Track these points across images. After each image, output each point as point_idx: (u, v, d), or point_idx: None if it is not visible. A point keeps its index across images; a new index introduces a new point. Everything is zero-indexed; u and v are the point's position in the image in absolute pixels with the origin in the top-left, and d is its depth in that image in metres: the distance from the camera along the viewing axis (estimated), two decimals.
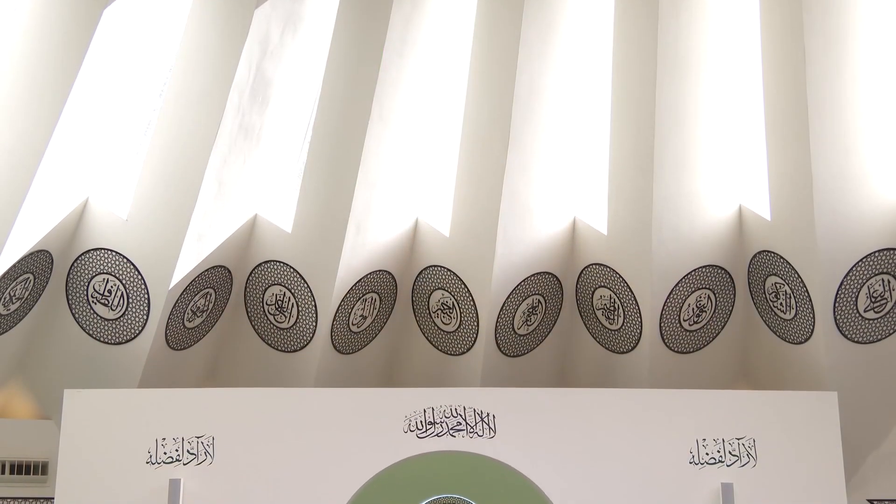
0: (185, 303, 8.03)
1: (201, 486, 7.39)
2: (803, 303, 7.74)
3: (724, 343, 8.41)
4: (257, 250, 8.28)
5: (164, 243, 7.72)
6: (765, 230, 7.88)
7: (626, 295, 8.10)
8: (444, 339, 8.55)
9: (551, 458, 7.50)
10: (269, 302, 8.38)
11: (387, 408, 7.60)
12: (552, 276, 8.38)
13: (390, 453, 7.54)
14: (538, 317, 8.50)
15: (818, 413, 7.51)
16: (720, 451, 7.49)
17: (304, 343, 8.32)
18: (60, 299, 8.12)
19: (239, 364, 8.62)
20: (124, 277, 7.92)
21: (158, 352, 8.05)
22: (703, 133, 7.80)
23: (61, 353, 8.22)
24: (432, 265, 8.38)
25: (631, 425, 7.54)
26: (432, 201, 8.39)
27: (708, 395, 7.73)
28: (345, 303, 8.18)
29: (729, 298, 8.28)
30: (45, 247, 7.74)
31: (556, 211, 8.26)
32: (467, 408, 7.61)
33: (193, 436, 7.51)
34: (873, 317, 7.74)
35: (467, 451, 7.56)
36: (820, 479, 7.39)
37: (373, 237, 8.15)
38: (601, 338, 8.49)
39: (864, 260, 7.55)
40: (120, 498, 7.35)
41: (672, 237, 7.85)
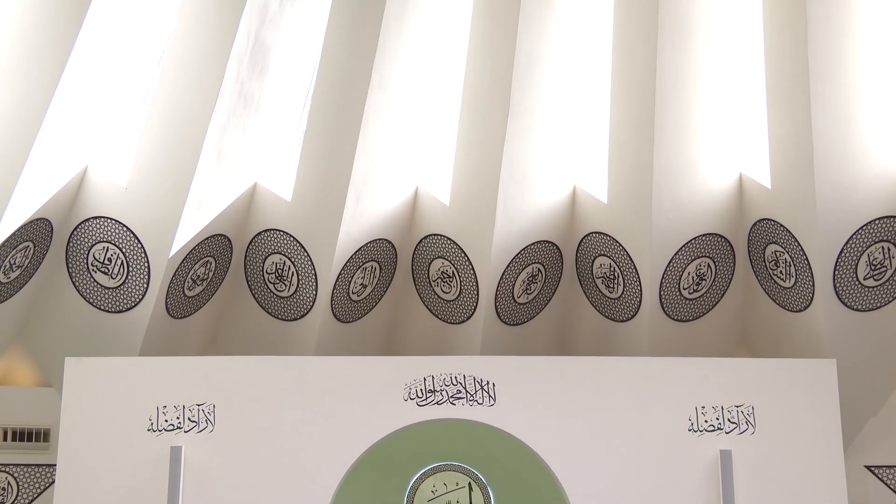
0: (185, 271, 8.04)
1: (202, 453, 7.44)
2: (803, 271, 7.75)
3: (724, 311, 8.42)
4: (257, 219, 8.28)
5: (163, 212, 7.72)
6: (765, 198, 7.87)
7: (626, 263, 8.10)
8: (444, 308, 8.57)
9: (551, 426, 7.54)
10: (269, 270, 8.39)
11: (387, 376, 7.63)
12: (552, 244, 8.38)
13: (390, 421, 7.57)
14: (538, 285, 8.51)
15: (817, 380, 7.54)
16: (719, 418, 7.52)
17: (305, 312, 8.33)
18: (60, 267, 8.13)
19: (239, 332, 8.65)
20: (124, 246, 7.93)
21: (159, 320, 8.06)
22: (703, 101, 7.77)
23: (62, 321, 8.25)
24: (432, 234, 8.38)
25: (630, 393, 7.57)
26: (432, 170, 8.37)
27: (707, 363, 7.75)
28: (345, 271, 8.19)
29: (729, 267, 8.29)
30: (44, 215, 7.75)
31: (556, 179, 8.25)
32: (467, 376, 7.64)
33: (194, 403, 7.54)
34: (873, 284, 7.75)
35: (467, 418, 7.59)
36: (818, 446, 7.43)
37: (373, 206, 8.14)
38: (601, 306, 8.50)
39: (864, 228, 7.55)
40: (122, 465, 7.39)
41: (672, 205, 7.85)
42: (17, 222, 7.49)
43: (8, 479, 8.19)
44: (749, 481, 7.34)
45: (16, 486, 8.19)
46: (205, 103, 7.46)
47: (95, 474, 7.36)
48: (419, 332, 8.73)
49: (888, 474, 8.16)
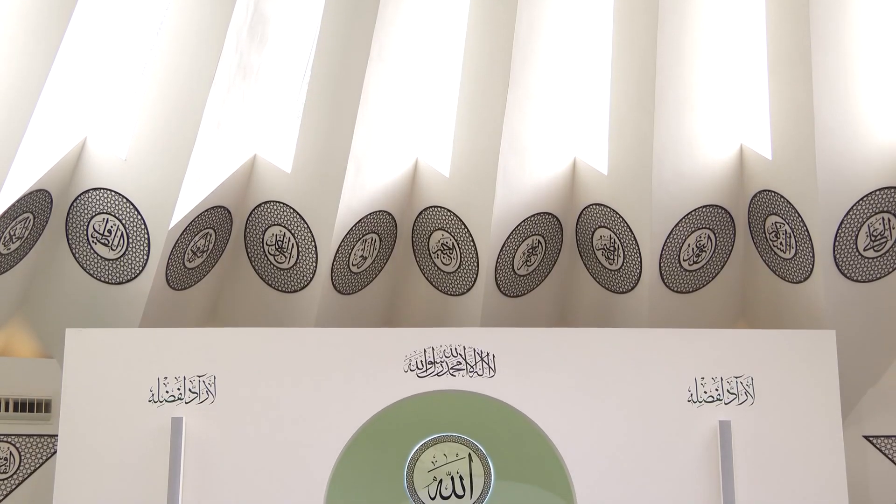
0: (185, 243, 8.04)
1: (203, 424, 7.47)
2: (803, 242, 7.75)
3: (724, 283, 8.43)
4: (257, 191, 8.26)
5: (163, 183, 7.71)
6: (766, 169, 7.86)
7: (626, 235, 8.10)
8: (444, 280, 8.57)
9: (550, 398, 7.56)
10: (269, 242, 8.39)
11: (387, 347, 7.65)
12: (552, 216, 8.38)
13: (390, 392, 7.59)
14: (538, 257, 8.51)
15: (816, 351, 7.56)
16: (718, 389, 7.55)
17: (305, 283, 8.34)
18: (60, 239, 8.13)
19: (239, 304, 8.66)
20: (124, 217, 7.92)
21: (159, 292, 8.07)
22: (704, 72, 7.74)
23: (62, 293, 8.26)
24: (432, 206, 8.37)
25: (630, 364, 7.59)
26: (432, 142, 8.35)
27: (706, 335, 7.77)
28: (345, 243, 8.19)
29: (729, 238, 8.29)
30: (44, 186, 7.74)
31: (556, 151, 8.23)
32: (467, 347, 7.65)
33: (195, 375, 7.56)
34: (873, 255, 7.75)
35: (467, 390, 7.62)
36: (817, 417, 7.46)
37: (373, 178, 8.13)
38: (601, 278, 8.50)
39: (864, 199, 7.54)
40: (123, 435, 7.42)
41: (672, 177, 7.83)
42: (17, 193, 7.49)
43: (10, 450, 8.23)
44: (748, 452, 7.38)
45: (18, 457, 8.23)
46: (204, 74, 7.43)
47: (97, 445, 7.40)
48: (419, 304, 8.75)
49: (886, 444, 8.20)
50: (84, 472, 7.35)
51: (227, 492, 7.37)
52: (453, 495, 8.35)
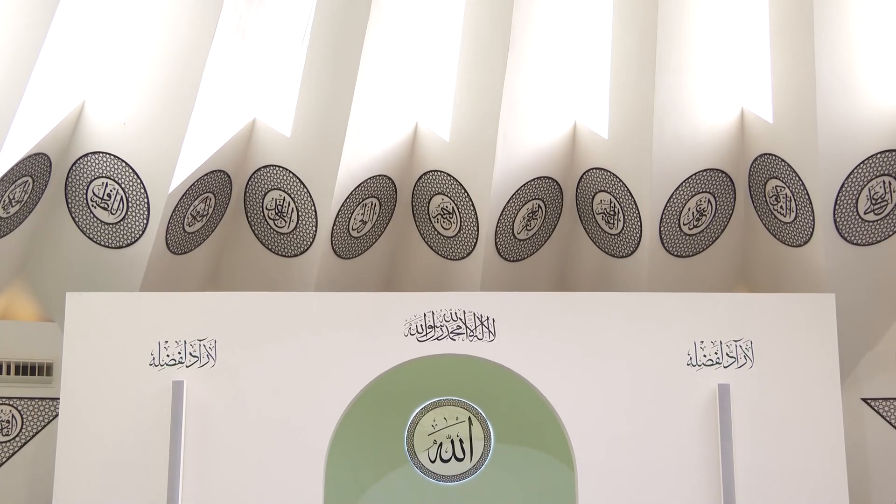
0: (184, 207, 8.03)
1: (203, 388, 7.49)
2: (803, 205, 7.74)
3: (724, 247, 8.43)
4: (256, 155, 8.24)
5: (162, 147, 7.69)
6: (766, 133, 7.83)
7: (626, 199, 8.09)
8: (443, 244, 8.57)
9: (550, 362, 7.58)
10: (269, 207, 8.38)
11: (387, 312, 7.65)
12: (552, 180, 8.36)
13: (390, 356, 7.61)
14: (538, 221, 8.50)
15: (815, 315, 7.57)
16: (717, 353, 7.57)
17: (305, 248, 8.34)
18: (60, 203, 8.12)
19: (239, 268, 8.66)
20: (123, 181, 7.91)
21: (159, 256, 8.07)
22: (705, 35, 7.69)
23: (62, 257, 8.26)
24: (432, 170, 8.35)
25: (629, 328, 7.60)
26: (432, 106, 8.31)
27: (706, 298, 7.77)
28: (344, 208, 8.18)
29: (729, 202, 8.27)
30: (42, 150, 7.71)
31: (556, 115, 8.20)
32: (467, 312, 7.66)
33: (195, 339, 7.57)
34: (873, 219, 7.75)
35: (467, 354, 7.63)
36: (816, 380, 7.48)
37: (372, 142, 8.10)
38: (601, 242, 8.50)
39: (865, 161, 7.52)
40: (125, 399, 7.45)
41: (673, 141, 7.81)
42: (16, 157, 7.47)
43: (12, 413, 8.26)
44: (747, 415, 7.41)
45: (20, 419, 8.27)
46: (202, 37, 7.38)
47: (98, 408, 7.42)
48: (419, 269, 8.75)
49: (884, 406, 8.24)
50: (86, 436, 7.38)
51: (228, 455, 7.40)
52: (453, 458, 8.41)
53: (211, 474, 7.35)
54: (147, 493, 7.28)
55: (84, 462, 7.35)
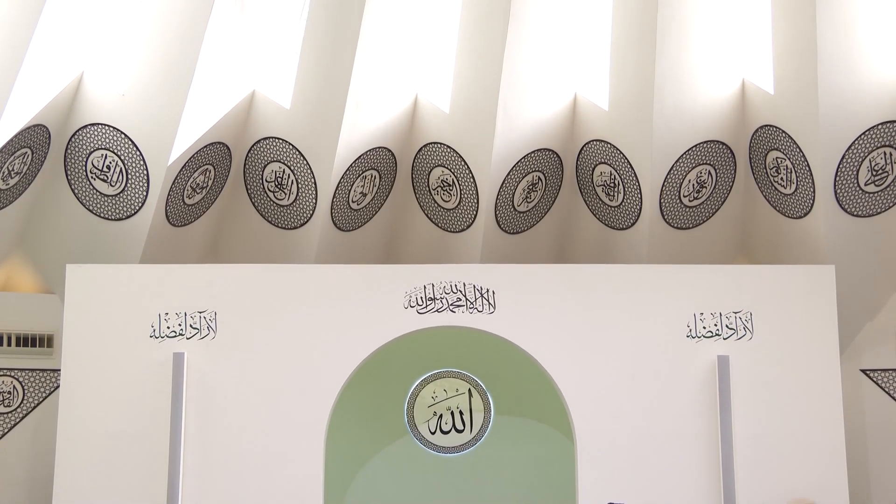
0: (184, 179, 8.02)
1: (204, 360, 7.51)
2: (804, 177, 7.73)
3: (724, 219, 8.42)
4: (256, 127, 8.22)
5: (161, 119, 7.67)
6: (767, 104, 7.81)
7: (627, 171, 8.08)
8: (443, 216, 8.56)
9: (550, 334, 7.59)
10: (269, 179, 8.37)
11: (387, 284, 7.66)
12: (552, 152, 8.35)
13: (391, 329, 7.62)
14: (538, 194, 8.49)
15: (815, 286, 7.58)
16: (717, 324, 7.58)
17: (304, 220, 8.33)
18: (59, 175, 8.11)
19: (239, 241, 8.66)
20: (123, 153, 7.89)
21: (159, 228, 8.07)
22: (706, 6, 7.65)
23: (62, 229, 8.26)
24: (432, 142, 8.33)
25: (629, 300, 7.61)
26: (432, 77, 8.28)
27: (706, 270, 7.78)
28: (344, 180, 8.16)
29: (729, 174, 8.26)
30: (41, 121, 7.69)
31: (557, 86, 8.17)
32: (467, 284, 7.67)
33: (196, 311, 7.59)
34: (874, 190, 7.73)
35: (467, 326, 7.64)
36: (815, 351, 7.50)
37: (372, 114, 8.08)
38: (601, 214, 8.50)
39: (867, 133, 7.50)
40: (125, 371, 7.47)
41: (673, 112, 7.79)
42: (14, 128, 7.45)
43: (14, 384, 8.29)
44: (746, 386, 7.43)
45: (21, 390, 8.29)
46: (202, 8, 7.35)
47: (99, 380, 7.45)
48: (419, 241, 8.75)
49: (883, 377, 8.26)
50: (87, 407, 7.41)
51: (229, 426, 7.43)
52: (453, 430, 8.44)
53: (212, 446, 7.38)
54: (149, 464, 7.32)
55: (85, 433, 7.38)
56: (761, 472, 7.33)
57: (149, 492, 7.29)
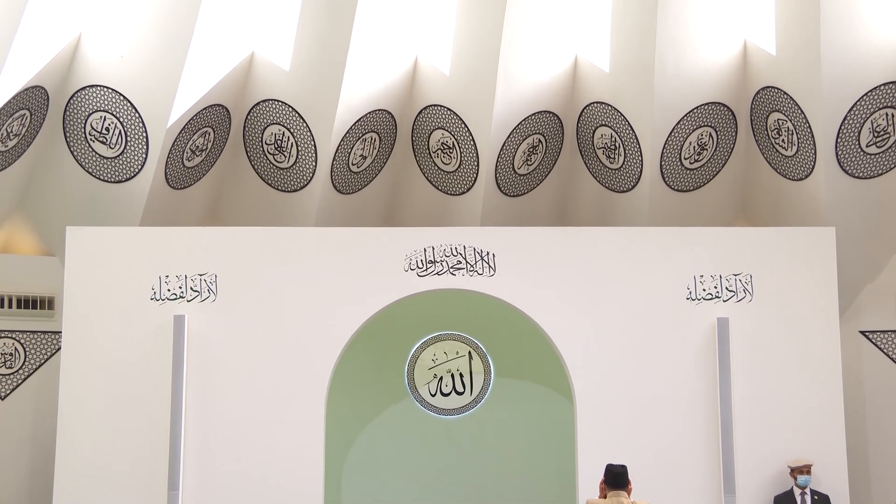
0: (183, 141, 7.99)
1: (205, 322, 7.52)
2: (805, 139, 7.70)
3: (725, 181, 8.40)
4: (255, 89, 8.17)
5: (160, 81, 7.63)
6: (769, 65, 7.75)
7: (627, 133, 8.04)
8: (444, 179, 8.54)
9: (550, 296, 7.60)
10: (269, 141, 8.34)
11: (387, 247, 7.66)
12: (553, 115, 8.31)
13: (391, 291, 7.63)
14: (538, 156, 8.46)
15: (815, 248, 7.58)
16: (717, 286, 7.58)
17: (304, 183, 8.31)
18: (58, 137, 8.08)
19: (239, 204, 8.64)
20: (122, 115, 7.85)
21: (159, 190, 8.05)
22: None
23: (62, 191, 8.24)
24: (432, 104, 8.29)
25: (629, 263, 7.61)
26: (432, 39, 8.22)
27: (706, 233, 7.77)
28: (344, 142, 8.13)
29: (730, 136, 8.23)
30: (39, 83, 7.65)
31: (557, 48, 8.11)
32: (467, 247, 7.66)
33: (196, 273, 7.59)
34: (875, 151, 7.71)
35: (467, 289, 7.65)
36: (814, 313, 7.51)
37: (372, 76, 8.03)
38: (601, 177, 8.47)
39: (868, 94, 7.45)
40: (126, 333, 7.49)
41: (675, 74, 7.74)
42: (13, 90, 7.40)
43: (15, 346, 8.30)
44: (745, 348, 7.45)
45: (23, 352, 8.31)
46: None
47: (100, 342, 7.47)
48: (419, 204, 8.73)
49: (881, 338, 8.28)
50: (88, 369, 7.44)
51: (230, 388, 7.46)
52: (453, 392, 8.47)
53: (213, 408, 7.41)
54: (150, 425, 7.36)
55: (87, 395, 7.41)
56: (760, 433, 7.36)
57: (151, 452, 7.32)
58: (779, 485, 7.30)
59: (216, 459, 7.36)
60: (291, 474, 7.34)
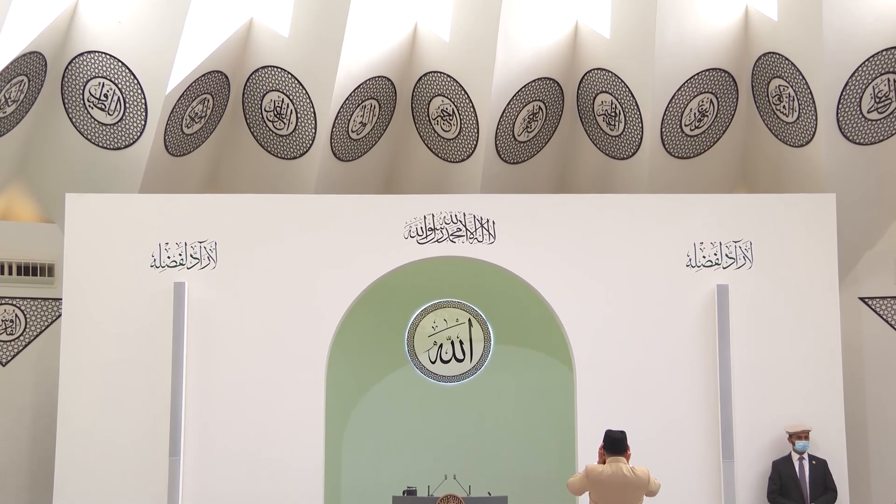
0: (182, 108, 7.96)
1: (205, 289, 7.53)
2: (806, 105, 7.67)
3: (725, 148, 8.38)
4: (254, 55, 8.14)
5: (158, 46, 7.60)
6: (770, 31, 7.71)
7: (628, 100, 8.01)
8: (443, 146, 8.52)
9: (550, 263, 7.60)
10: (268, 108, 8.31)
11: (387, 214, 7.65)
12: (553, 81, 8.27)
13: (391, 259, 7.63)
14: (538, 123, 8.44)
15: (815, 215, 7.57)
16: (717, 253, 7.58)
17: (304, 150, 8.29)
18: (57, 103, 8.05)
19: (239, 171, 8.63)
20: (120, 81, 7.82)
21: (158, 157, 8.04)
22: None
23: (61, 158, 8.22)
24: (432, 71, 8.25)
25: (629, 230, 7.61)
26: (432, 5, 8.17)
27: (706, 199, 7.76)
28: (343, 109, 8.11)
29: (731, 102, 8.20)
30: (37, 48, 7.61)
31: (558, 14, 8.06)
32: (467, 214, 7.66)
33: (196, 241, 7.59)
34: (876, 118, 7.68)
35: (467, 256, 7.65)
36: (814, 279, 7.51)
37: (371, 42, 7.99)
38: (602, 144, 8.45)
39: (870, 59, 7.42)
40: (126, 300, 7.49)
41: (676, 40, 7.70)
42: (10, 55, 7.37)
43: (15, 312, 8.32)
44: (745, 315, 7.46)
45: (24, 319, 8.32)
46: None
47: (101, 309, 7.48)
48: (419, 171, 8.71)
49: (881, 305, 8.29)
50: (89, 336, 7.45)
51: (231, 355, 7.48)
52: (453, 359, 8.49)
53: (213, 376, 7.44)
54: (151, 391, 7.39)
55: (88, 362, 7.43)
56: (759, 399, 7.39)
57: (152, 418, 7.35)
58: (777, 450, 7.34)
59: (217, 426, 7.39)
60: (292, 439, 7.38)
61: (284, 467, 7.36)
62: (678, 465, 7.27)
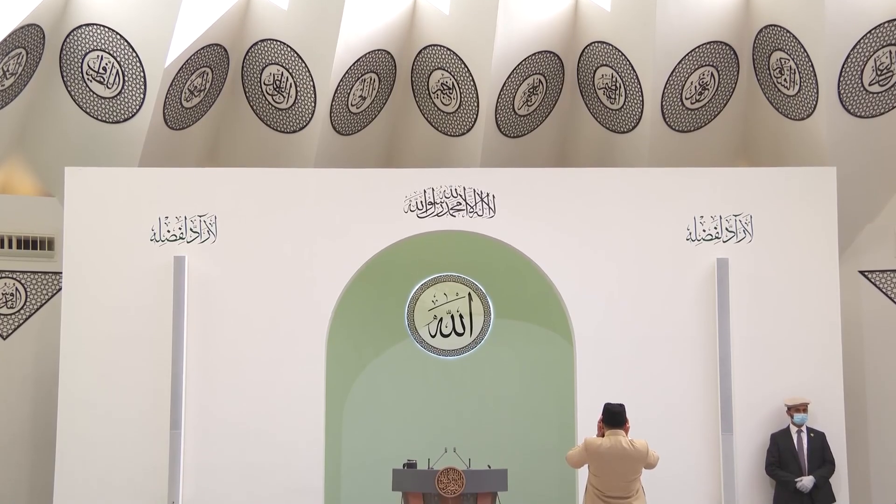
0: (181, 81, 7.93)
1: (204, 263, 7.53)
2: (808, 77, 7.64)
3: (726, 121, 8.35)
4: (253, 28, 8.10)
5: (157, 19, 7.56)
6: (772, 3, 7.66)
7: (628, 73, 7.98)
8: (443, 120, 8.50)
9: (550, 237, 7.60)
10: (267, 82, 8.28)
11: (387, 188, 7.64)
12: (553, 55, 8.24)
13: (391, 233, 7.63)
14: (539, 97, 8.41)
15: (816, 188, 7.56)
16: (717, 227, 7.58)
17: (303, 124, 8.27)
18: (55, 76, 8.02)
19: (238, 144, 8.61)
20: (119, 54, 7.79)
21: (157, 131, 8.02)
22: None
23: (60, 131, 8.20)
24: (432, 44, 8.22)
25: (629, 204, 7.60)
26: None
27: (706, 173, 7.75)
28: (343, 83, 8.08)
29: (732, 75, 8.16)
30: (35, 21, 7.57)
31: None
32: (467, 188, 7.65)
33: (196, 214, 7.58)
34: (878, 90, 7.65)
35: (467, 230, 7.65)
36: (814, 253, 7.51)
37: (371, 15, 7.95)
38: (602, 117, 8.43)
39: (872, 31, 7.38)
40: (126, 274, 7.50)
41: (677, 12, 7.66)
42: (8, 28, 7.33)
43: (16, 286, 8.32)
44: (745, 288, 7.46)
45: (24, 293, 8.33)
46: None
47: (101, 283, 7.48)
48: (419, 145, 8.70)
49: (881, 278, 8.29)
50: (90, 310, 7.46)
51: (231, 328, 7.49)
52: (453, 333, 8.51)
53: (213, 350, 7.45)
54: (152, 365, 7.40)
55: (88, 335, 7.44)
56: (758, 372, 7.40)
57: (153, 391, 7.37)
58: (776, 423, 7.36)
59: (218, 399, 7.40)
60: (293, 413, 7.40)
61: (285, 441, 7.38)
62: (677, 438, 7.29)
